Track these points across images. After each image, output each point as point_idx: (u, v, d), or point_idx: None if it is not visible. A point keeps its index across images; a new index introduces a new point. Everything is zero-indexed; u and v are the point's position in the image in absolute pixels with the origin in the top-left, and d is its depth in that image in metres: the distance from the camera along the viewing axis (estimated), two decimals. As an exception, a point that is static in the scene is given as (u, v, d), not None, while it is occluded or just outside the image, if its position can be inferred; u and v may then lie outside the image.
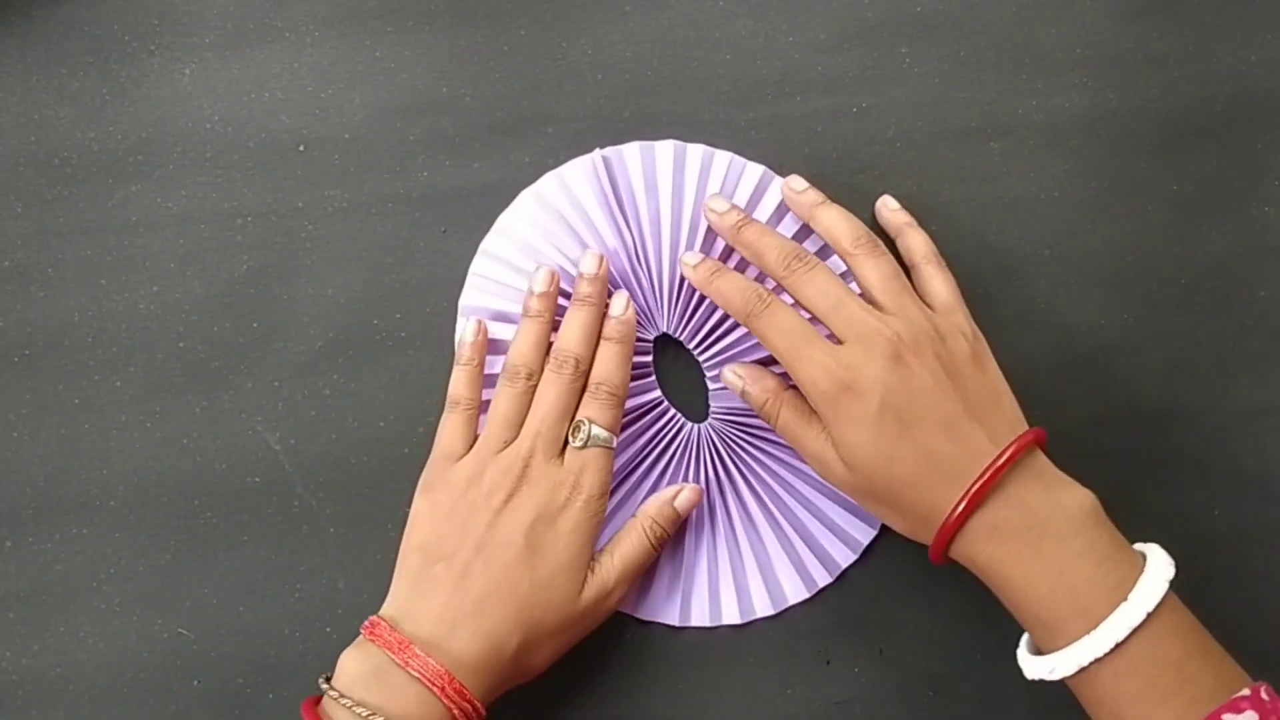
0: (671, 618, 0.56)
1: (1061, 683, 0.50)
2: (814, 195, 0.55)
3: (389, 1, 0.60)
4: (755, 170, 0.57)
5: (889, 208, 0.57)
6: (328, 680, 0.50)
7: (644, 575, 0.56)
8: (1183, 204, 0.59)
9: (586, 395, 0.54)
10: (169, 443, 0.57)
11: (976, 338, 0.53)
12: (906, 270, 0.55)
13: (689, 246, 0.57)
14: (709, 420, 0.57)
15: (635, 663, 0.56)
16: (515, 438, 0.53)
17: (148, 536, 0.57)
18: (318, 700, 0.50)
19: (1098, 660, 0.46)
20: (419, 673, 0.49)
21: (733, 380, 0.54)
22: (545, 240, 0.57)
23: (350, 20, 0.60)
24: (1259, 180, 0.59)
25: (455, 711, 0.49)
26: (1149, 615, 0.46)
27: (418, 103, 0.59)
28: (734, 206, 0.55)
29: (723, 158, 0.57)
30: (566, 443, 0.54)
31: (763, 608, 0.56)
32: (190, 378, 0.58)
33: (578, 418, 0.54)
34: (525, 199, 0.58)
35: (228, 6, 0.60)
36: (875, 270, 0.52)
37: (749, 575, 0.56)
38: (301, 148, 0.59)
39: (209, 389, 0.57)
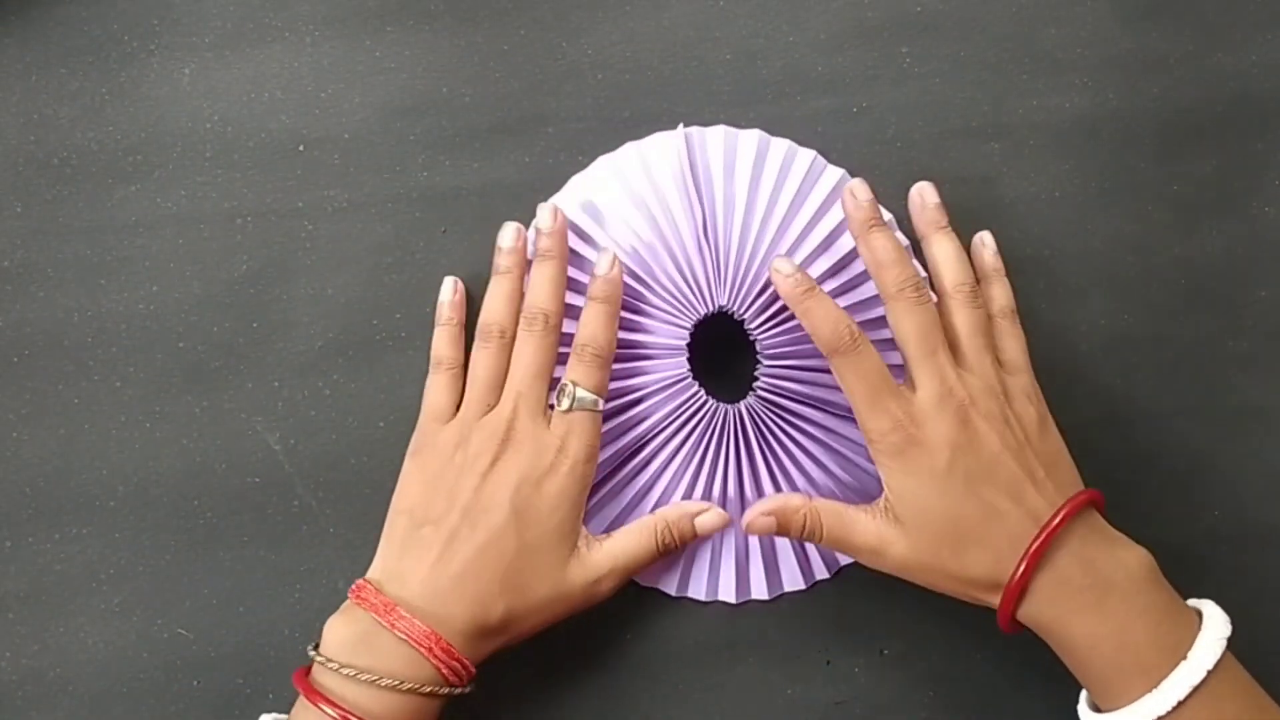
0: (669, 586, 0.56)
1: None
2: (938, 215, 0.55)
3: (389, 1, 0.60)
4: (834, 173, 0.57)
5: (987, 247, 0.57)
6: (315, 648, 0.50)
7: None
8: (1183, 204, 0.59)
9: (572, 357, 0.54)
10: (169, 443, 0.57)
11: (1040, 400, 0.53)
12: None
13: (760, 233, 0.56)
14: (744, 401, 0.56)
15: (636, 662, 0.56)
16: (498, 400, 0.53)
17: (148, 536, 0.57)
18: (308, 670, 0.50)
19: (1160, 719, 0.46)
20: (405, 634, 0.49)
21: (765, 524, 0.53)
22: (611, 209, 0.57)
23: (350, 20, 0.60)
24: (1259, 180, 0.59)
25: (444, 671, 0.49)
26: (1208, 674, 0.46)
27: (418, 103, 0.59)
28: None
29: (805, 155, 0.57)
30: (552, 405, 0.53)
31: (759, 592, 0.56)
32: (190, 378, 0.58)
33: (563, 380, 0.53)
34: (600, 164, 0.58)
35: (228, 6, 0.60)
36: (969, 320, 0.52)
37: (751, 559, 0.56)
38: (301, 148, 0.59)
39: (209, 389, 0.57)
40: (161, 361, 0.58)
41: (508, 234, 0.55)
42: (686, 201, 0.56)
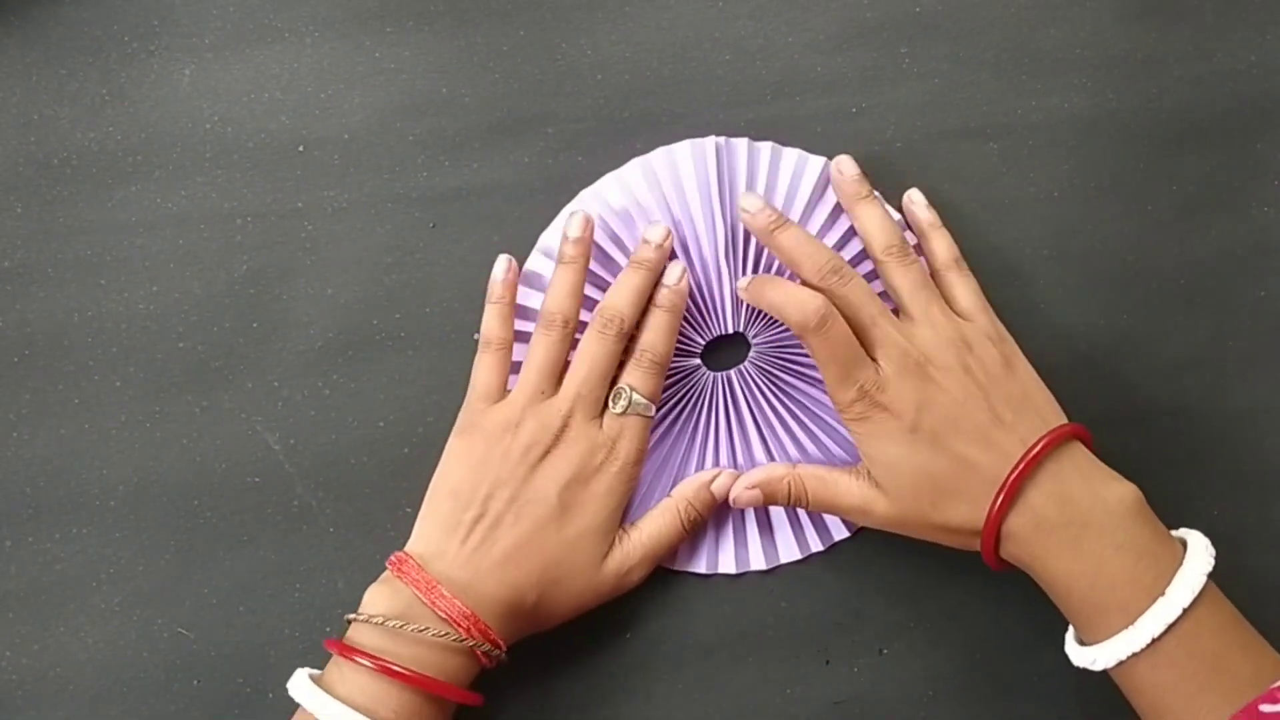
0: (669, 561, 0.56)
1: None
2: (859, 186, 0.56)
3: (389, 1, 0.60)
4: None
5: (916, 204, 0.57)
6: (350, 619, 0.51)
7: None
8: (1183, 204, 0.59)
9: (631, 362, 0.55)
10: (169, 443, 0.57)
11: (1004, 339, 0.53)
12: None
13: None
14: (737, 367, 0.57)
15: (636, 662, 0.56)
16: (552, 388, 0.54)
17: (148, 536, 0.57)
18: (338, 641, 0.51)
19: (1135, 654, 0.46)
20: (445, 613, 0.50)
21: (752, 496, 0.54)
22: (639, 210, 0.57)
23: (350, 20, 0.60)
24: (1259, 180, 0.59)
25: (478, 651, 0.50)
26: (1185, 611, 0.46)
27: (417, 103, 0.59)
28: (767, 206, 0.54)
29: (816, 163, 0.58)
30: (605, 404, 0.54)
31: (757, 562, 0.56)
32: (190, 378, 0.58)
33: (620, 384, 0.54)
34: (633, 166, 0.58)
35: (228, 7, 0.60)
36: (905, 278, 0.53)
37: (748, 530, 0.57)
38: (301, 148, 0.59)
39: (209, 389, 0.57)
40: (161, 361, 0.58)
41: (576, 224, 0.55)
42: (709, 218, 0.57)
